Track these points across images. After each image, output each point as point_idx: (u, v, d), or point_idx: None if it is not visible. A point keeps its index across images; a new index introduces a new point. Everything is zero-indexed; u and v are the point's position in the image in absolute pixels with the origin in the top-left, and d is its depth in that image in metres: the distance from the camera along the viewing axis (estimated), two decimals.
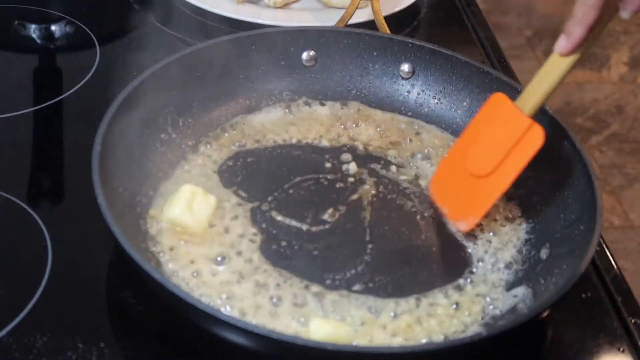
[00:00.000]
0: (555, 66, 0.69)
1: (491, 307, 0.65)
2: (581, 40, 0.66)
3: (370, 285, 0.66)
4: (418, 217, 0.74)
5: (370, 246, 0.70)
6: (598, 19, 0.64)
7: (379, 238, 0.71)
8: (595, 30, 0.65)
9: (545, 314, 0.59)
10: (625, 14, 0.65)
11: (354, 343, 0.60)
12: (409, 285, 0.66)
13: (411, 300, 0.65)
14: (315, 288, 0.65)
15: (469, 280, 0.68)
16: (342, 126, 0.82)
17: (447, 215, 0.73)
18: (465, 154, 0.72)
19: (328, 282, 0.66)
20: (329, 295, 0.64)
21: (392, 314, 0.63)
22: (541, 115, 0.76)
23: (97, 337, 0.61)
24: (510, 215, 0.74)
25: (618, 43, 2.73)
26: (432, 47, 0.84)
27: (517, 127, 0.70)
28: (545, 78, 0.70)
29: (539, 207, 0.73)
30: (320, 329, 0.60)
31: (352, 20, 0.95)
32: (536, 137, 0.69)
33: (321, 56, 0.84)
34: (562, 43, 0.67)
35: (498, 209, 0.74)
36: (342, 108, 0.84)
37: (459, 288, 0.67)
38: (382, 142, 0.81)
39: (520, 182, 0.76)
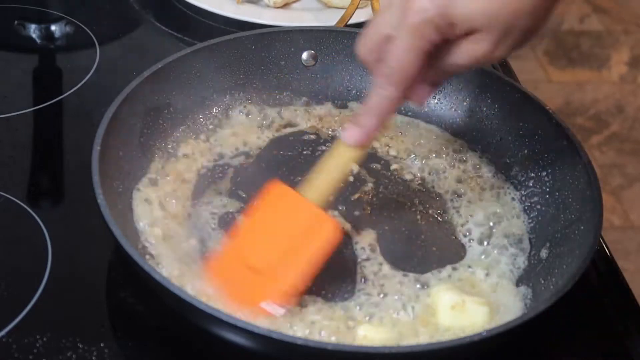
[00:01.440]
0: (342, 156, 0.64)
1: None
2: (374, 132, 0.61)
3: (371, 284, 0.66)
4: (419, 216, 0.74)
5: (370, 246, 0.70)
6: (392, 111, 0.61)
7: (380, 238, 0.71)
8: (386, 122, 0.61)
9: (545, 313, 0.59)
10: (415, 104, 0.63)
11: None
12: (405, 284, 0.66)
13: (405, 300, 0.65)
14: (313, 288, 0.65)
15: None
16: (342, 126, 0.82)
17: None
18: (248, 247, 0.64)
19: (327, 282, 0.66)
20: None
21: (395, 315, 0.63)
22: (541, 115, 0.76)
23: (97, 337, 0.61)
24: (510, 215, 0.74)
25: (618, 43, 2.73)
26: None
27: (304, 217, 0.64)
28: (332, 168, 0.64)
29: (539, 207, 0.73)
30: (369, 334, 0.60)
31: (352, 20, 0.95)
32: (327, 229, 0.63)
33: (321, 56, 0.84)
34: (353, 134, 0.62)
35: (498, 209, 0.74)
36: (342, 108, 0.84)
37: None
38: (382, 142, 0.81)
39: (520, 183, 0.76)
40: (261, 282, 0.62)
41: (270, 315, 0.61)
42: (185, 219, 0.69)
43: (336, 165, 0.64)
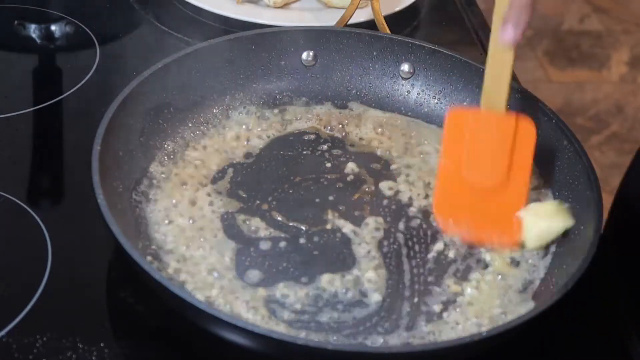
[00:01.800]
0: (505, 58, 0.68)
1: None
2: (527, 25, 0.65)
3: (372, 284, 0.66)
4: (419, 216, 0.74)
5: (371, 246, 0.70)
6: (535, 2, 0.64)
7: (380, 238, 0.71)
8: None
9: (545, 313, 0.59)
10: None
11: None
12: (406, 284, 0.66)
13: (406, 300, 0.65)
14: (314, 289, 0.65)
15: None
16: (342, 126, 0.82)
17: (475, 240, 0.70)
18: (463, 174, 0.70)
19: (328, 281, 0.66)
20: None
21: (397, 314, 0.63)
22: (541, 115, 0.76)
23: (97, 337, 0.61)
24: None
25: (618, 43, 2.73)
26: (432, 47, 0.84)
27: (505, 127, 0.69)
28: (502, 72, 0.69)
29: None
30: None
31: (352, 20, 0.95)
32: (529, 128, 0.69)
33: (321, 56, 0.84)
34: (510, 32, 0.66)
35: None
36: (342, 108, 0.84)
37: (461, 288, 0.67)
38: (382, 142, 0.81)
39: None
40: (494, 202, 0.69)
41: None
42: (185, 218, 0.69)
43: (503, 69, 0.68)
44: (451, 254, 0.70)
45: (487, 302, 0.65)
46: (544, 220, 0.68)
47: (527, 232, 0.68)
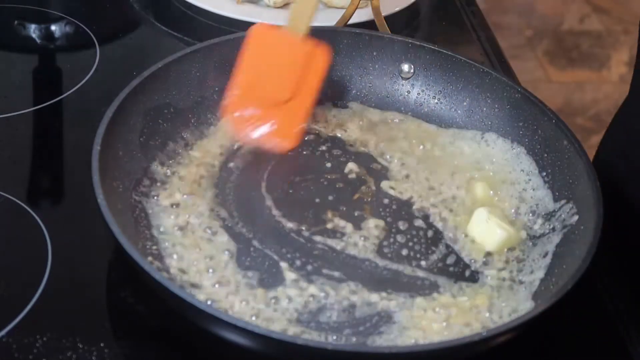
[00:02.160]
0: None
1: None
2: None
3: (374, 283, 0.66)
4: (420, 215, 0.74)
5: (370, 246, 0.70)
6: None
7: (380, 238, 0.71)
8: None
9: (545, 314, 0.59)
10: None
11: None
12: (407, 285, 0.66)
13: (406, 300, 0.65)
14: (314, 289, 0.65)
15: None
16: (342, 126, 0.82)
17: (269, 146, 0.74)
18: (257, 89, 0.74)
19: (328, 282, 0.66)
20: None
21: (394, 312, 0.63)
22: (541, 115, 0.76)
23: (97, 337, 0.61)
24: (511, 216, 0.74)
25: (618, 43, 2.73)
26: (432, 47, 0.84)
27: (300, 49, 0.73)
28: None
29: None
30: None
31: (352, 20, 0.95)
32: (324, 53, 0.73)
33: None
34: None
35: (499, 210, 0.74)
36: (342, 108, 0.84)
37: (461, 289, 0.67)
38: (381, 142, 0.81)
39: (520, 183, 0.76)
40: (280, 114, 0.73)
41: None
42: (185, 218, 0.69)
43: None
44: (452, 254, 0.70)
45: (486, 302, 0.65)
46: (503, 227, 0.70)
47: (487, 236, 0.70)
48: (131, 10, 1.04)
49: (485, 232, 0.70)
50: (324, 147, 0.80)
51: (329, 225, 0.71)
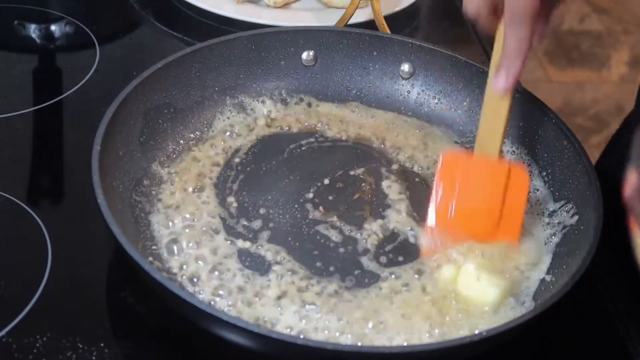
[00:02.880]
0: (500, 105, 0.68)
1: None
2: (520, 74, 0.65)
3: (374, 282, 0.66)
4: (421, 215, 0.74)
5: (370, 246, 0.70)
6: (529, 50, 0.64)
7: (380, 238, 0.71)
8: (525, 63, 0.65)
9: (545, 314, 0.59)
10: (535, 42, 0.65)
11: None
12: (406, 284, 0.66)
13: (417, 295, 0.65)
14: (316, 287, 0.65)
15: None
16: (342, 126, 0.82)
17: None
18: (453, 221, 0.69)
19: (328, 281, 0.66)
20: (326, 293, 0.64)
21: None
22: (541, 115, 0.76)
23: (97, 337, 0.61)
24: None
25: (618, 43, 2.73)
26: (432, 47, 0.84)
27: (498, 174, 0.68)
28: (496, 119, 0.69)
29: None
30: None
31: (352, 20, 0.95)
32: (522, 175, 0.69)
33: (321, 56, 0.84)
34: (502, 81, 0.66)
35: None
36: (342, 108, 0.84)
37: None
38: (382, 142, 0.81)
39: None
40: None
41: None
42: (185, 218, 0.69)
43: (497, 116, 0.69)
44: (453, 254, 0.70)
45: (485, 302, 0.65)
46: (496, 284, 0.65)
47: (481, 295, 0.65)
48: (131, 10, 1.04)
49: (478, 291, 0.64)
50: (323, 147, 0.80)
51: (329, 225, 0.71)
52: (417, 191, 0.76)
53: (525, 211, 0.69)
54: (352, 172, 0.77)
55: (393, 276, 0.67)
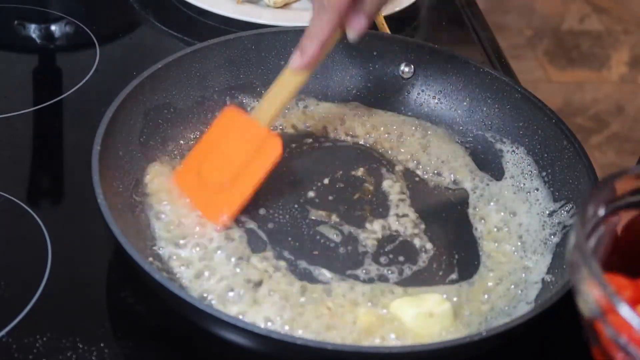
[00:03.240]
0: (289, 81, 0.71)
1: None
2: (315, 56, 0.69)
3: (373, 282, 0.66)
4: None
5: (370, 246, 0.70)
6: (331, 36, 0.68)
7: (381, 238, 0.71)
8: (327, 47, 0.69)
9: (545, 314, 0.59)
10: (350, 35, 0.69)
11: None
12: (410, 282, 0.66)
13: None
14: (316, 287, 0.65)
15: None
16: (342, 126, 0.82)
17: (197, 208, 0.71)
18: (203, 166, 0.72)
19: (328, 281, 0.66)
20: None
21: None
22: (541, 115, 0.77)
23: (97, 337, 0.61)
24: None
25: (618, 43, 2.73)
26: (432, 47, 0.84)
27: (254, 138, 0.71)
28: (280, 92, 0.72)
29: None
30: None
31: None
32: (275, 147, 0.70)
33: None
34: (297, 59, 0.70)
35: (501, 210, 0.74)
36: (342, 108, 0.84)
37: (461, 287, 0.67)
38: (382, 142, 0.81)
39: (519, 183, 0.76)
40: (213, 195, 0.70)
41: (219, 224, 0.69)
42: (185, 218, 0.69)
43: (283, 90, 0.72)
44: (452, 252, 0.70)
45: (484, 302, 0.65)
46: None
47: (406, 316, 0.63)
48: (131, 10, 1.04)
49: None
50: (323, 147, 0.80)
51: (329, 226, 0.71)
52: (418, 191, 0.76)
53: (258, 183, 0.70)
54: (352, 172, 0.77)
55: (394, 276, 0.67)
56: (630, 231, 0.52)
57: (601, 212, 0.50)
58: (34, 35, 0.98)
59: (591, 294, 0.44)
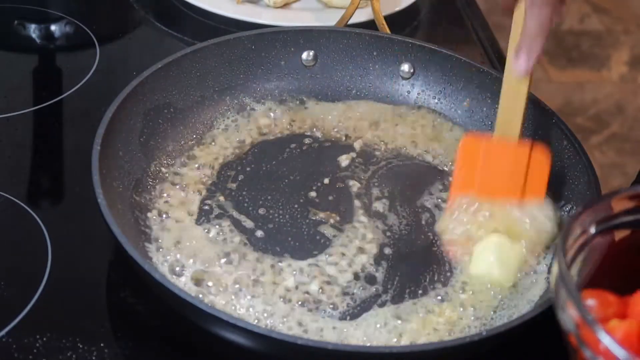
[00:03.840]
0: (519, 87, 0.69)
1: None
2: (541, 54, 0.66)
3: (371, 280, 0.66)
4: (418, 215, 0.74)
5: (370, 246, 0.70)
6: (549, 31, 0.64)
7: (378, 237, 0.71)
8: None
9: (545, 314, 0.59)
10: (559, 20, 0.65)
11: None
12: (402, 283, 0.66)
13: (408, 303, 0.65)
14: (315, 287, 0.65)
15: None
16: (342, 126, 0.82)
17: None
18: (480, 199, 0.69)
19: (328, 281, 0.66)
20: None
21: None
22: (541, 114, 0.76)
23: (97, 337, 0.61)
24: None
25: (618, 43, 2.73)
26: (432, 47, 0.84)
27: (519, 155, 0.69)
28: (515, 101, 0.69)
29: None
30: None
31: (352, 20, 0.95)
32: (543, 155, 0.69)
33: (321, 56, 0.84)
34: (523, 62, 0.66)
35: None
36: (342, 108, 0.84)
37: (461, 288, 0.67)
38: (382, 142, 0.81)
39: None
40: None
41: None
42: (185, 218, 0.69)
43: (516, 98, 0.69)
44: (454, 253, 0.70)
45: (484, 301, 0.65)
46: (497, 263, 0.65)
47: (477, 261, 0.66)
48: (131, 10, 1.04)
49: (480, 259, 0.66)
50: (323, 147, 0.80)
51: (329, 226, 0.71)
52: (417, 190, 0.76)
53: (545, 192, 0.68)
54: (351, 172, 0.77)
55: (394, 275, 0.67)
56: (622, 250, 0.52)
57: (592, 230, 0.50)
58: (34, 35, 0.98)
59: (570, 312, 0.45)
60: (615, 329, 0.46)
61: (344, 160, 0.78)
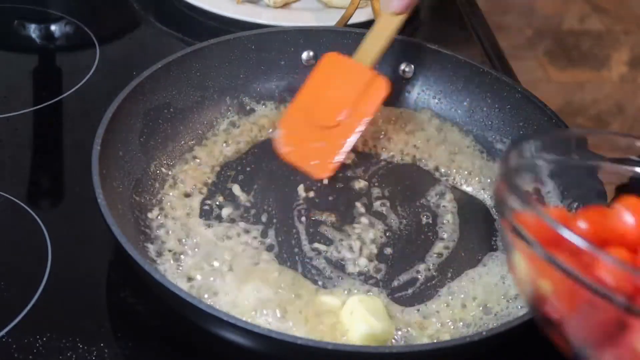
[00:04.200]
0: (389, 23, 0.75)
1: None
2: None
3: (370, 281, 0.66)
4: (421, 214, 0.74)
5: (370, 246, 0.70)
6: None
7: (378, 237, 0.71)
8: None
9: None
10: None
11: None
12: (402, 283, 0.66)
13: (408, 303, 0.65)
14: (315, 287, 0.65)
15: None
16: None
17: (306, 172, 0.75)
18: (310, 110, 0.75)
19: (328, 281, 0.66)
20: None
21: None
22: (541, 115, 0.76)
23: (97, 337, 0.61)
24: None
25: (618, 43, 2.73)
26: (432, 47, 0.84)
27: (360, 79, 0.75)
28: (381, 34, 0.75)
29: None
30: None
31: (352, 20, 0.95)
32: (381, 86, 0.74)
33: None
34: (396, 1, 0.74)
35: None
36: None
37: (461, 286, 0.67)
38: (381, 142, 0.81)
39: None
40: (332, 135, 0.74)
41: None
42: (185, 217, 0.69)
43: (384, 31, 0.76)
44: (454, 253, 0.70)
45: (484, 300, 0.65)
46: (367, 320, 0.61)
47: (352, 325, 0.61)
48: (131, 10, 1.04)
49: (354, 321, 0.61)
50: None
51: (329, 226, 0.71)
52: (417, 190, 0.76)
53: (372, 115, 0.74)
54: (351, 172, 0.77)
55: (394, 276, 0.67)
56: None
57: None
58: (34, 35, 0.98)
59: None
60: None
61: (347, 166, 0.78)
